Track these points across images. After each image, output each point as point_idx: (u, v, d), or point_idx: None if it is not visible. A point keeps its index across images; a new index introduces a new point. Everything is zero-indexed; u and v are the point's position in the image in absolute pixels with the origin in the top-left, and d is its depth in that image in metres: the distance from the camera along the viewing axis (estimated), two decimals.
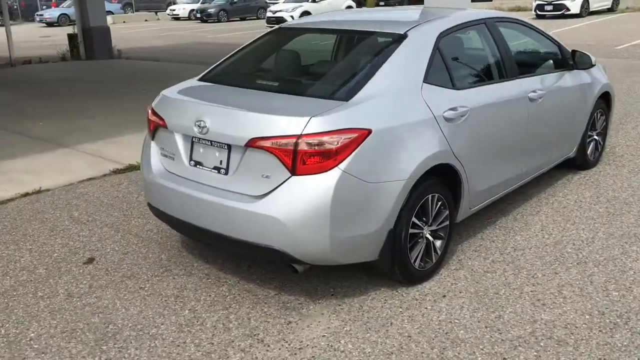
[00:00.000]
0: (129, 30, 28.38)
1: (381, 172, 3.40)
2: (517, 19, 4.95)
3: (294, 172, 3.27)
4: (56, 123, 8.50)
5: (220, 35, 25.66)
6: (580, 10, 23.88)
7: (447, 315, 3.47)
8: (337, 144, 3.23)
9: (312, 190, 3.24)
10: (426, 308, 3.56)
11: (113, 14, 36.27)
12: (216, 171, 3.60)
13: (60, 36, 24.95)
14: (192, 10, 36.18)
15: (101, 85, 12.16)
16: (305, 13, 25.36)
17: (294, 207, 3.26)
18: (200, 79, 4.31)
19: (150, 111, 4.02)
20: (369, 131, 3.33)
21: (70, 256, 4.35)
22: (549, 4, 24.19)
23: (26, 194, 5.58)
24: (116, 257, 4.31)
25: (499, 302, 3.59)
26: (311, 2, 25.80)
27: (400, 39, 3.86)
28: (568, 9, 23.82)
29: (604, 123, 5.98)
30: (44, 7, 40.40)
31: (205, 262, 4.20)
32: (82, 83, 12.52)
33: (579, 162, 5.69)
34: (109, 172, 6.16)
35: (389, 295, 3.71)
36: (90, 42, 17.15)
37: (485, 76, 4.39)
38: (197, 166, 3.70)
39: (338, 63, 4.09)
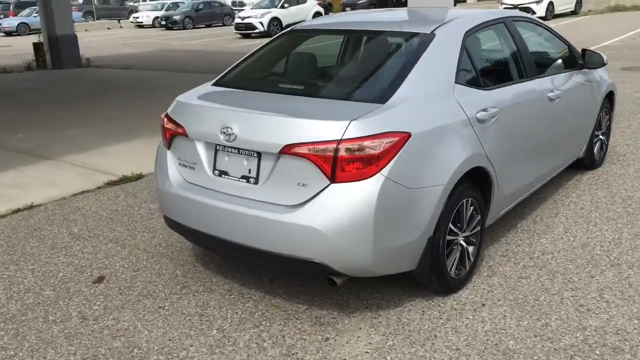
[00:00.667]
0: (92, 39, 27.72)
1: (421, 177, 3.24)
2: (530, 18, 4.87)
3: (333, 179, 3.08)
4: (35, 134, 8.12)
5: (188, 42, 25.28)
6: (546, 14, 24.26)
7: (492, 325, 3.32)
8: (379, 148, 3.06)
9: (354, 199, 3.06)
10: (468, 318, 3.41)
11: (74, 22, 35.41)
12: (245, 181, 3.39)
13: (21, 45, 24.30)
14: (157, 17, 35.65)
15: (75, 95, 11.74)
16: (275, 19, 25.16)
17: (334, 217, 3.07)
18: (215, 84, 4.09)
19: (165, 118, 3.79)
20: (409, 134, 3.17)
21: (78, 275, 4.07)
22: (515, 7, 24.51)
23: (18, 210, 5.25)
24: (127, 275, 4.05)
25: (542, 309, 3.46)
26: (280, 8, 25.59)
27: (428, 38, 3.71)
28: (534, 12, 24.11)
29: (608, 122, 5.95)
30: (2, 16, 39.24)
31: (224, 276, 3.98)
32: (54, 93, 12.08)
33: (587, 162, 5.64)
34: (103, 184, 5.86)
35: (426, 306, 3.55)
36: (57, 50, 16.65)
37: (509, 76, 4.28)
38: (222, 176, 3.48)
39: (364, 64, 3.92)
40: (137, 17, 37.43)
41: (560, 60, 5.04)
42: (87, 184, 5.86)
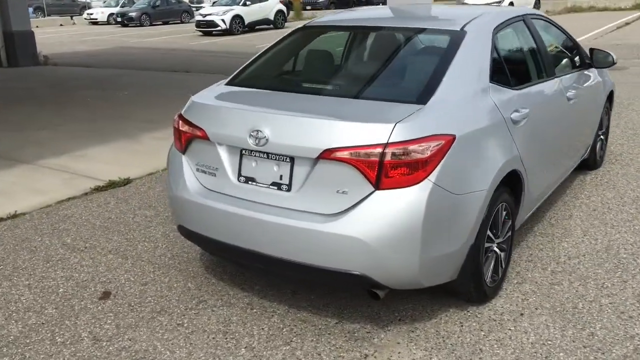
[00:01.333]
0: (45, 36, 26.67)
1: (466, 183, 3.06)
2: (543, 15, 4.76)
3: (377, 186, 2.87)
4: (4, 136, 7.65)
5: (147, 40, 24.60)
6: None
7: (537, 337, 3.18)
8: (427, 153, 2.87)
9: (401, 206, 2.86)
10: (510, 329, 3.25)
11: None
12: (275, 187, 3.14)
13: None
14: (112, 14, 34.63)
15: (38, 94, 11.18)
16: (237, 17, 24.67)
17: (379, 226, 2.87)
18: (230, 84, 3.81)
19: (180, 121, 3.50)
20: (454, 137, 2.99)
21: (80, 291, 3.75)
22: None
23: (1, 219, 4.86)
24: (135, 289, 3.75)
25: (583, 318, 3.33)
26: (242, 5, 25.11)
27: (459, 35, 3.54)
28: None
29: (607, 122, 5.92)
30: None
31: (242, 289, 3.73)
32: (16, 92, 11.48)
33: (590, 162, 5.59)
34: (90, 190, 5.50)
35: (463, 317, 3.38)
36: (13, 47, 15.88)
37: (534, 75, 4.15)
38: (249, 183, 3.23)
39: (395, 63, 3.71)
40: (91, 14, 36.28)
41: (571, 59, 4.95)
42: (72, 189, 5.50)
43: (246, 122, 3.16)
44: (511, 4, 24.90)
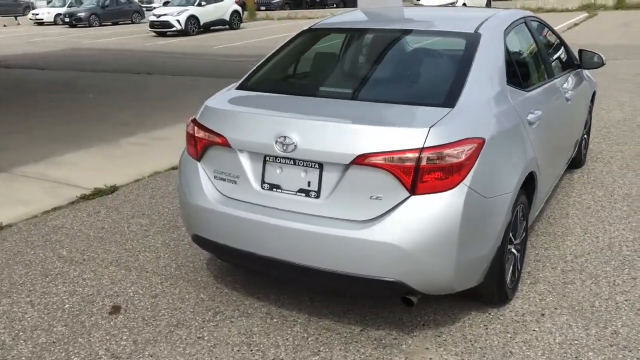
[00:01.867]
0: None
1: (495, 186, 3.06)
2: (536, 17, 4.82)
3: (413, 191, 2.84)
4: None
5: (99, 40, 23.97)
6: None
7: (563, 337, 3.20)
8: (462, 156, 2.85)
9: (438, 211, 2.83)
10: (534, 330, 3.27)
11: None
12: (303, 194, 3.07)
13: None
14: (59, 14, 33.62)
15: None
16: (192, 17, 24.28)
17: (415, 231, 2.83)
18: (242, 88, 3.71)
19: (195, 126, 3.39)
20: (484, 140, 2.98)
21: (88, 306, 3.60)
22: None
23: None
24: (146, 302, 3.62)
25: (603, 316, 3.38)
26: (197, 5, 24.73)
27: (474, 37, 3.54)
28: None
29: (590, 121, 6.06)
30: None
31: (257, 298, 3.64)
32: None
33: (577, 161, 5.70)
34: (77, 198, 5.29)
35: (486, 320, 3.38)
36: None
37: (540, 76, 4.19)
38: (274, 190, 3.15)
39: (413, 65, 3.68)
40: (37, 14, 35.16)
41: (566, 60, 5.03)
42: (57, 199, 5.28)
43: (272, 128, 3.07)
44: (464, 4, 25.30)
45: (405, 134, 2.85)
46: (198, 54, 17.84)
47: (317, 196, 3.04)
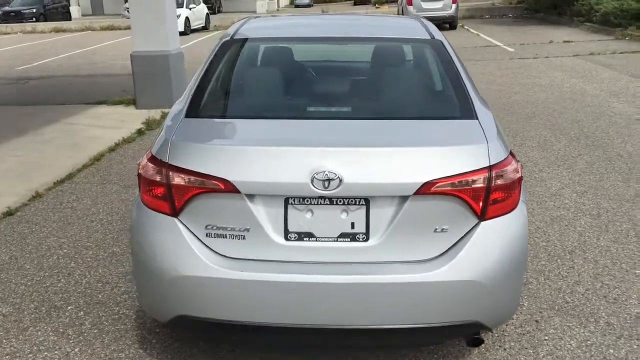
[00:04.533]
0: None
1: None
2: None
3: (483, 216, 2.51)
4: None
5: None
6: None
7: (578, 343, 3.21)
8: (520, 171, 2.62)
9: (509, 235, 2.60)
10: (547, 337, 3.23)
11: None
12: (347, 239, 2.50)
13: None
14: None
15: None
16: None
17: (492, 262, 2.54)
18: (199, 116, 2.87)
19: (167, 171, 2.52)
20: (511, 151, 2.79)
21: None
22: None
23: None
24: None
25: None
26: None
27: (439, 44, 3.32)
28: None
29: None
30: None
31: None
32: None
33: None
34: None
35: (496, 340, 3.24)
36: None
37: None
38: (304, 239, 2.50)
39: (405, 76, 3.24)
40: None
41: None
42: None
43: (303, 163, 2.45)
44: (179, 16, 24.93)
45: (469, 152, 2.53)
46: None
47: (366, 239, 2.50)
